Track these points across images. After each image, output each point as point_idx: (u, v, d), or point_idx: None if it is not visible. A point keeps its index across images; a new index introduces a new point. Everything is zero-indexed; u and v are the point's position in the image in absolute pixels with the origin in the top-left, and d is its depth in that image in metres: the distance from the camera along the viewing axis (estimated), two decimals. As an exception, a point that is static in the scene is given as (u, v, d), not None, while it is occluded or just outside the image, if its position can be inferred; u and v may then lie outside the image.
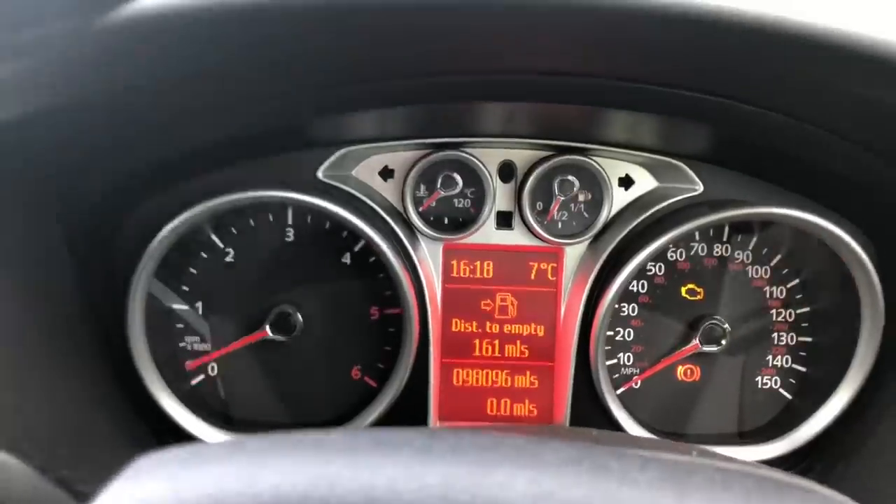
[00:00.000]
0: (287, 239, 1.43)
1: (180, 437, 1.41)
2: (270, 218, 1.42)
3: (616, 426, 1.44)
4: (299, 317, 1.42)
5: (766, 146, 1.29)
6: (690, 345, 1.45)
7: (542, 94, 1.18)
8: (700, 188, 1.42)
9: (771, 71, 1.00)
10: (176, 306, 1.43)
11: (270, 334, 1.40)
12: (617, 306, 1.46)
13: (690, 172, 1.41)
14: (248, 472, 0.55)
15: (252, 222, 1.42)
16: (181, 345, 1.44)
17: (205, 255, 1.42)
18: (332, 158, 1.39)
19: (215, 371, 1.45)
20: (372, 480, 0.53)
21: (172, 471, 0.57)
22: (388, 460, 0.56)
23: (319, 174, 1.39)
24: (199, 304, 1.43)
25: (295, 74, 1.07)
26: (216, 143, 1.30)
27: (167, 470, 0.57)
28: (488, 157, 1.44)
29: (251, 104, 1.16)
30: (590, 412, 1.46)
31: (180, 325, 1.43)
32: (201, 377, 1.45)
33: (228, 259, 1.42)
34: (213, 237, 1.41)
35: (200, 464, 0.57)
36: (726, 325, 1.45)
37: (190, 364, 1.44)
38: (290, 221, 1.42)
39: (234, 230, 1.42)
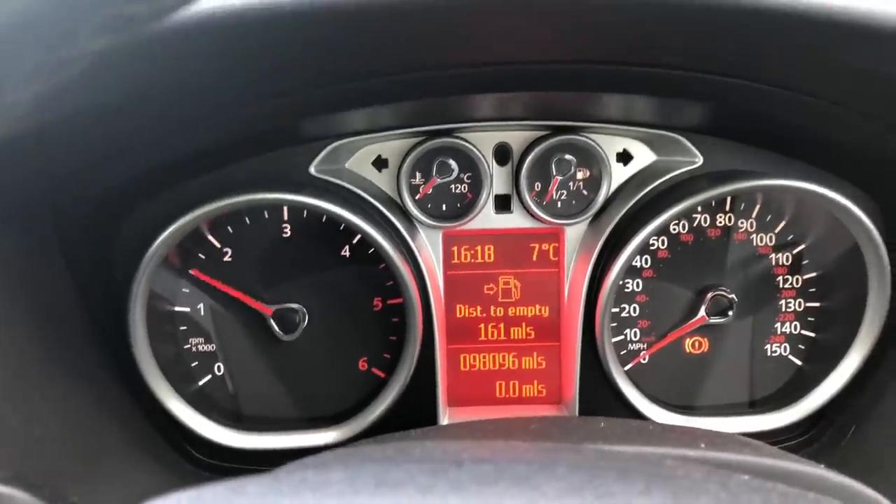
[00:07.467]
0: (284, 235, 1.41)
1: (192, 441, 1.42)
2: (266, 215, 1.40)
3: (625, 403, 1.43)
4: (304, 312, 1.41)
5: (766, 117, 1.26)
6: (697, 317, 1.44)
7: (534, 84, 1.16)
8: (700, 160, 1.39)
9: (772, 48, 0.97)
10: (178, 308, 1.42)
11: (275, 325, 1.40)
12: (621, 282, 1.45)
13: (689, 145, 1.38)
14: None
15: (248, 220, 1.40)
16: (185, 347, 1.43)
17: (203, 256, 1.40)
18: (324, 153, 1.36)
19: (221, 370, 1.45)
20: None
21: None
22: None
23: (312, 170, 1.36)
24: (201, 306, 1.42)
25: (292, 76, 1.05)
26: (209, 147, 1.28)
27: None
28: (483, 141, 1.41)
29: (246, 107, 1.13)
30: (598, 390, 1.45)
31: (183, 328, 1.43)
32: (208, 377, 1.44)
33: (227, 259, 1.41)
34: (210, 237, 1.40)
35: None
36: (732, 295, 1.43)
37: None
38: (285, 218, 1.40)
39: (230, 229, 1.40)
